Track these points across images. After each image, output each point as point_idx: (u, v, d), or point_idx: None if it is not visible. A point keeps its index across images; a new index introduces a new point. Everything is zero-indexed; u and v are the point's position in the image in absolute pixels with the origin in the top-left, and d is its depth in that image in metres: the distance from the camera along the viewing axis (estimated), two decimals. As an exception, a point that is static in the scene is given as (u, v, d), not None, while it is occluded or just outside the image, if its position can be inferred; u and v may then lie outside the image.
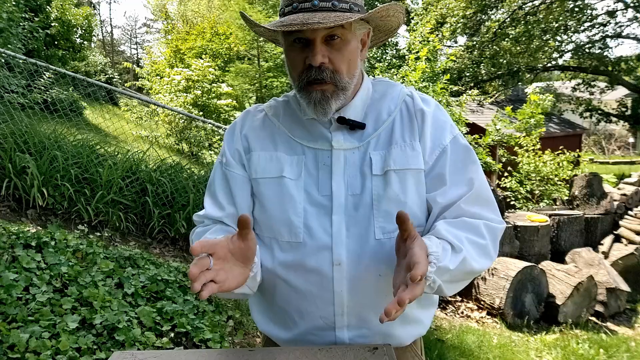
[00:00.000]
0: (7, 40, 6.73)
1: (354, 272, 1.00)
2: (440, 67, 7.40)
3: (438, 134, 1.04)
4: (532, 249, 5.01)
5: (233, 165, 1.10)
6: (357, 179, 1.03)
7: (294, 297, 1.04)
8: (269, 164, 1.06)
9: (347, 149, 1.04)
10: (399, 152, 1.02)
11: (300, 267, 1.02)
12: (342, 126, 1.05)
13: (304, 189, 1.03)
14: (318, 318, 1.03)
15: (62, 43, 11.56)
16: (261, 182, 1.06)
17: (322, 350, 0.96)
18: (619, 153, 23.84)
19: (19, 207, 3.77)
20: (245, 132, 1.11)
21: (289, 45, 1.00)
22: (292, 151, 1.06)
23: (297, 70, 1.00)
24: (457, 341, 3.65)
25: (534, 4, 15.31)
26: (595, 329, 4.27)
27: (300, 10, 0.94)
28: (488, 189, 1.05)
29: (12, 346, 2.07)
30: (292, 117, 1.10)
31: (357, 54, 1.02)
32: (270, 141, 1.08)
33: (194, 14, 24.52)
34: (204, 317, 2.87)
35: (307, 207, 1.02)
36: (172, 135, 9.50)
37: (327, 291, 1.01)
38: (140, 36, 44.81)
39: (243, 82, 15.47)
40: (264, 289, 1.09)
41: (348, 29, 0.97)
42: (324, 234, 1.01)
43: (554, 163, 8.16)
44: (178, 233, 4.11)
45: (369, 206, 1.01)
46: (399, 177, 1.01)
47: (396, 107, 1.08)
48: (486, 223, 1.00)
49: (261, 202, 1.06)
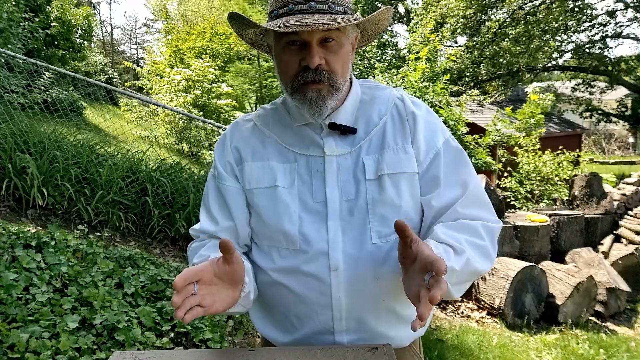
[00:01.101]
0: (7, 40, 6.72)
1: (351, 276, 1.00)
2: (441, 67, 7.41)
3: (431, 137, 1.05)
4: (532, 249, 5.01)
5: (225, 178, 1.09)
6: (351, 184, 1.02)
7: (293, 302, 1.04)
8: (262, 174, 1.06)
9: (340, 154, 1.04)
10: (391, 155, 1.02)
11: (298, 273, 1.02)
12: (333, 132, 1.05)
13: (298, 196, 1.03)
14: (317, 323, 1.03)
15: (62, 43, 11.56)
16: (255, 192, 1.06)
17: (322, 350, 0.96)
18: (619, 153, 23.84)
19: (19, 207, 3.77)
20: (235, 143, 1.10)
21: (282, 48, 0.99)
22: (284, 159, 1.06)
23: (291, 73, 0.99)
24: (457, 341, 3.65)
25: (534, 4, 15.31)
26: (595, 329, 4.27)
27: (297, 12, 0.94)
28: (482, 189, 1.06)
29: (12, 346, 2.07)
30: (282, 124, 1.09)
31: (349, 56, 1.03)
32: (262, 150, 1.08)
33: (194, 14, 24.53)
34: (204, 317, 2.87)
35: (302, 214, 1.02)
36: (172, 135, 9.51)
37: (325, 296, 1.01)
38: (140, 36, 44.85)
39: (243, 82, 15.47)
40: (264, 294, 1.09)
41: (343, 32, 0.98)
42: (321, 240, 1.01)
43: (553, 163, 8.16)
44: (178, 233, 4.11)
45: (364, 211, 1.01)
46: (393, 181, 1.01)
47: (387, 110, 1.08)
48: (484, 224, 1.01)
49: (257, 212, 1.06)
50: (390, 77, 7.77)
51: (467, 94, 9.08)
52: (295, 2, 0.94)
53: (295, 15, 0.93)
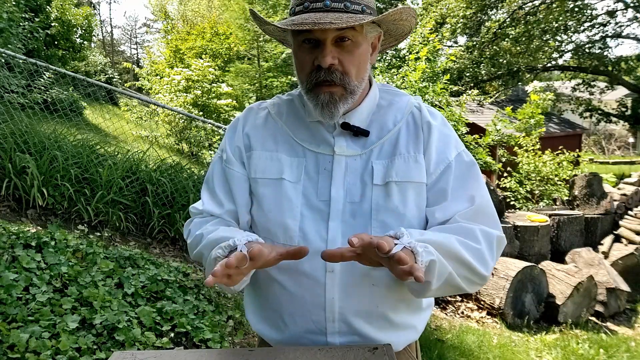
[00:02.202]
0: (7, 40, 6.72)
1: (347, 280, 0.99)
2: (440, 67, 7.40)
3: (443, 149, 1.03)
4: (532, 249, 5.02)
5: (233, 162, 1.09)
6: (357, 187, 1.01)
7: (287, 299, 1.03)
8: (269, 165, 1.05)
9: (349, 155, 1.03)
10: (402, 163, 1.01)
11: (293, 271, 1.01)
12: (346, 132, 1.04)
13: (303, 192, 1.02)
14: (310, 322, 1.03)
15: (62, 43, 11.56)
16: (260, 182, 1.05)
17: (322, 350, 0.96)
18: (619, 153, 23.84)
19: (19, 207, 3.77)
20: (247, 129, 1.10)
21: (298, 46, 0.99)
22: (293, 153, 1.05)
23: (306, 71, 0.98)
24: (457, 341, 3.65)
25: (534, 4, 15.32)
26: (595, 329, 4.27)
27: (312, 10, 0.92)
28: (490, 205, 1.03)
29: (12, 346, 2.07)
30: (296, 118, 1.09)
31: (367, 57, 1.00)
32: (272, 141, 1.07)
33: (194, 14, 24.53)
34: (204, 317, 2.87)
35: (304, 211, 1.01)
36: (172, 135, 9.51)
37: (319, 297, 1.00)
38: (140, 36, 44.83)
39: (243, 82, 15.45)
40: (258, 289, 1.09)
41: (359, 32, 0.95)
42: (319, 240, 1.00)
43: (553, 163, 8.16)
44: (178, 233, 4.11)
45: (368, 215, 1.00)
46: (400, 188, 1.00)
47: (402, 117, 1.06)
48: (482, 229, 0.97)
49: (258, 202, 1.06)
50: (390, 77, 7.77)
51: (467, 94, 9.07)
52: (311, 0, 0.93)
53: (309, 13, 0.92)
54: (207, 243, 1.01)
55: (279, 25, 0.92)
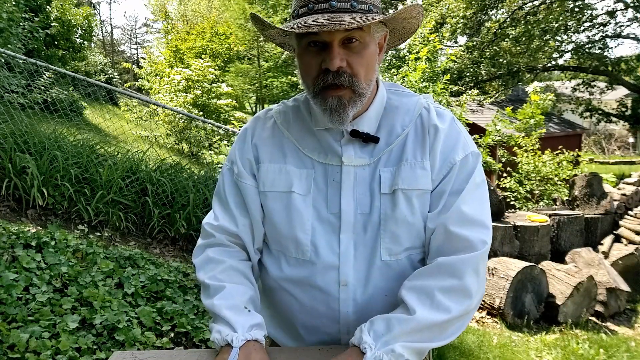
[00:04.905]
0: (7, 40, 6.72)
1: (361, 293, 0.98)
2: (441, 67, 7.40)
3: (449, 152, 0.99)
4: (532, 249, 5.01)
5: (245, 175, 1.06)
6: (367, 197, 0.99)
7: (301, 311, 1.03)
8: (278, 177, 1.02)
9: (358, 165, 1.00)
10: (408, 170, 0.98)
11: (306, 285, 1.00)
12: (354, 139, 1.00)
13: (313, 205, 1.00)
14: (324, 334, 1.03)
15: (62, 43, 11.56)
16: (269, 195, 1.03)
17: (322, 350, 0.96)
18: (619, 153, 23.83)
19: (19, 207, 3.76)
20: (255, 140, 1.07)
21: (303, 49, 0.94)
22: (302, 164, 1.02)
23: (312, 75, 0.94)
24: (457, 341, 3.65)
25: (534, 4, 15.31)
26: (595, 329, 4.27)
27: (317, 11, 0.89)
28: (483, 209, 0.99)
29: (12, 346, 2.07)
30: (302, 126, 1.05)
31: (375, 58, 0.97)
32: (279, 153, 1.04)
33: (194, 14, 24.54)
34: (204, 317, 2.86)
35: (315, 224, 1.00)
36: (172, 135, 9.51)
37: (332, 310, 1.00)
38: (140, 36, 44.83)
39: (243, 82, 15.47)
40: (272, 300, 1.08)
41: (367, 32, 0.92)
42: (331, 253, 0.98)
43: (553, 163, 8.16)
44: (178, 233, 4.11)
45: (377, 226, 0.98)
46: (406, 196, 0.97)
47: (411, 121, 1.02)
48: (461, 258, 0.93)
49: (269, 215, 1.04)
50: (390, 77, 7.77)
51: (467, 94, 9.07)
52: (316, 1, 0.89)
53: (315, 14, 0.88)
54: (211, 307, 1.00)
55: (285, 29, 0.88)
